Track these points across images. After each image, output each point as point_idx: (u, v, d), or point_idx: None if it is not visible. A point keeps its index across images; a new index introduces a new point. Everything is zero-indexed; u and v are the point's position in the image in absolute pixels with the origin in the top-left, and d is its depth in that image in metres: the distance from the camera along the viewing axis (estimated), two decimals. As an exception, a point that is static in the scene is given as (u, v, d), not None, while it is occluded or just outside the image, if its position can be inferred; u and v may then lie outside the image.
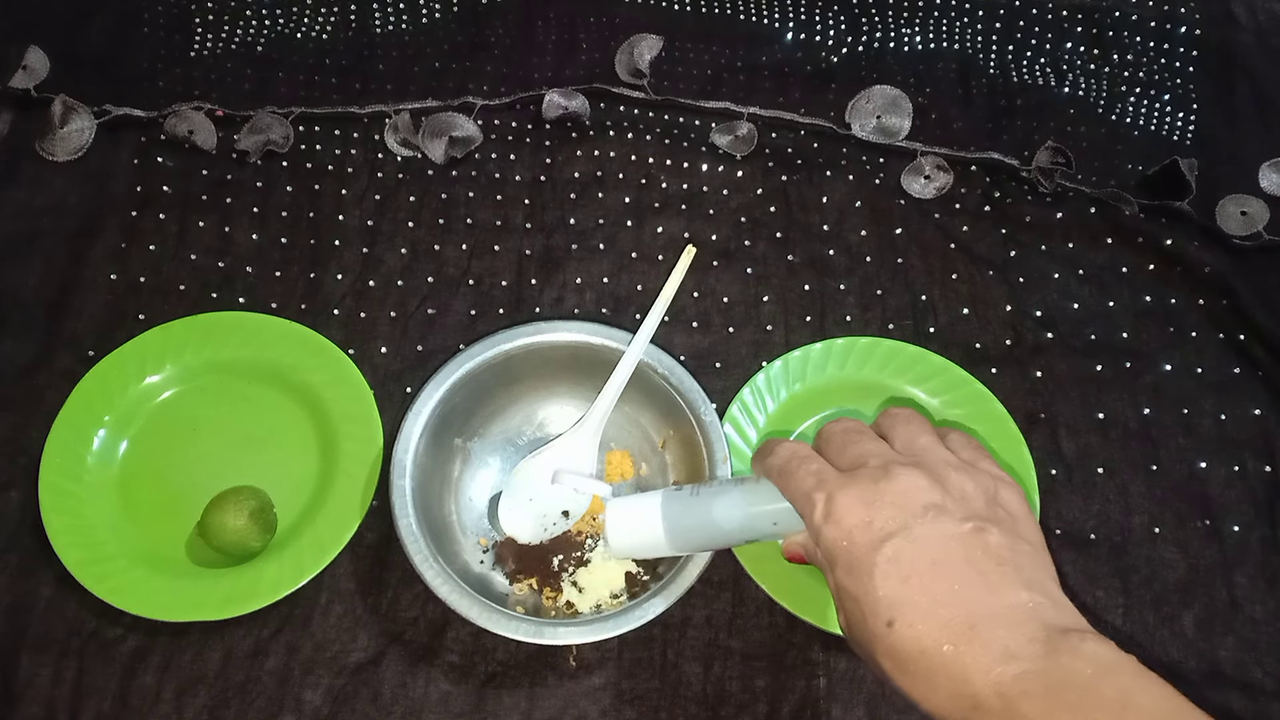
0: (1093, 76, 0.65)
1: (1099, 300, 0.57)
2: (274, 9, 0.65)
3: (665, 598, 0.45)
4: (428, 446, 0.50)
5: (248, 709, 0.47)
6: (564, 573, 0.51)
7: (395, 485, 0.48)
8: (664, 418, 0.53)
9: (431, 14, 0.66)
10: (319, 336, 0.54)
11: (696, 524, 0.42)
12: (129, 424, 0.52)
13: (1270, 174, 0.61)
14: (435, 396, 0.50)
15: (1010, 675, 0.31)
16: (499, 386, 0.53)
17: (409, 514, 0.47)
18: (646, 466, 0.54)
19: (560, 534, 0.52)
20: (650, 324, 0.52)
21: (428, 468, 0.50)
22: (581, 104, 0.61)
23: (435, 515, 0.50)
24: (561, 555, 0.51)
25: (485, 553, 0.52)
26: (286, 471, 0.52)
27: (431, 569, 0.46)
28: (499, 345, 0.51)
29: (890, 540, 0.34)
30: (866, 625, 0.34)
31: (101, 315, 0.55)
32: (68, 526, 0.49)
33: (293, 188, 0.60)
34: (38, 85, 0.61)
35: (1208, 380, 0.55)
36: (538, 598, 0.50)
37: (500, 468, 0.54)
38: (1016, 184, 0.61)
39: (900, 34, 0.66)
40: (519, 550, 0.51)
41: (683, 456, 0.52)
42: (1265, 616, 0.49)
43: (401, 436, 0.49)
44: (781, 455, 0.40)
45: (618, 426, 0.54)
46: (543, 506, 0.52)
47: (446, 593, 0.45)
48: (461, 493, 0.53)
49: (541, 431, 0.55)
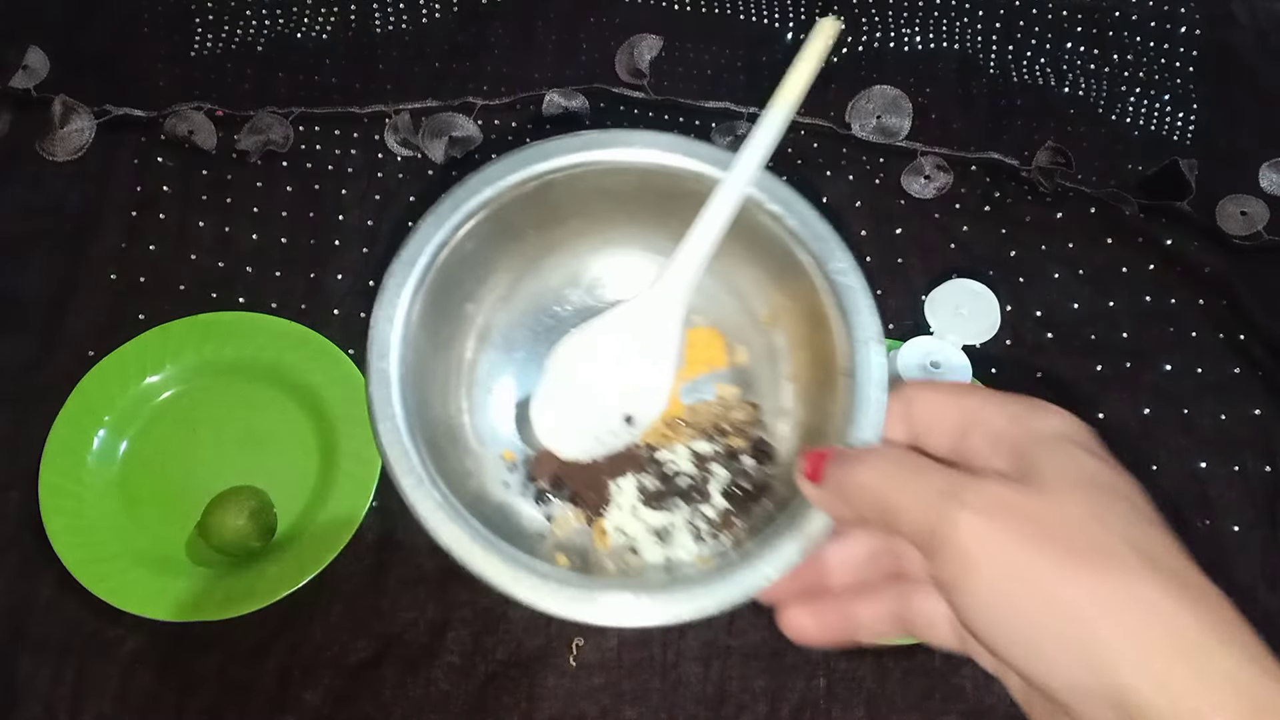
0: (1093, 76, 0.65)
1: (1099, 300, 0.57)
2: (274, 9, 0.65)
3: (774, 560, 0.32)
4: (424, 315, 0.35)
5: (248, 709, 0.47)
6: (617, 504, 0.37)
7: (374, 369, 0.34)
8: (774, 279, 0.38)
9: (431, 14, 0.66)
10: (319, 336, 0.54)
11: None
12: (129, 424, 0.52)
13: (1270, 174, 0.61)
14: (434, 238, 0.35)
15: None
16: (531, 229, 0.38)
17: (394, 413, 0.33)
18: (746, 351, 0.40)
19: (620, 448, 0.38)
20: (764, 138, 0.37)
21: (424, 347, 0.36)
22: (581, 104, 0.61)
23: (435, 416, 0.37)
24: (622, 476, 0.37)
25: (511, 471, 0.38)
26: (286, 471, 0.52)
27: (427, 497, 0.32)
28: (532, 166, 0.36)
29: None
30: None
31: (101, 315, 0.55)
32: (68, 526, 0.49)
33: (293, 188, 0.60)
34: (38, 85, 0.60)
35: (1208, 380, 0.55)
36: (586, 538, 0.37)
37: (532, 348, 0.40)
38: (1016, 184, 0.61)
39: (900, 34, 0.66)
40: (561, 469, 0.38)
41: (803, 336, 0.37)
42: (1265, 616, 0.49)
43: (383, 297, 0.34)
44: (883, 467, 0.29)
45: (704, 293, 0.38)
46: (596, 405, 0.37)
47: (451, 535, 0.32)
48: (476, 384, 0.39)
49: (593, 296, 0.40)
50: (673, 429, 0.39)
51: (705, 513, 0.38)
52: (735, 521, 0.37)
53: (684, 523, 0.37)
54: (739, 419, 0.40)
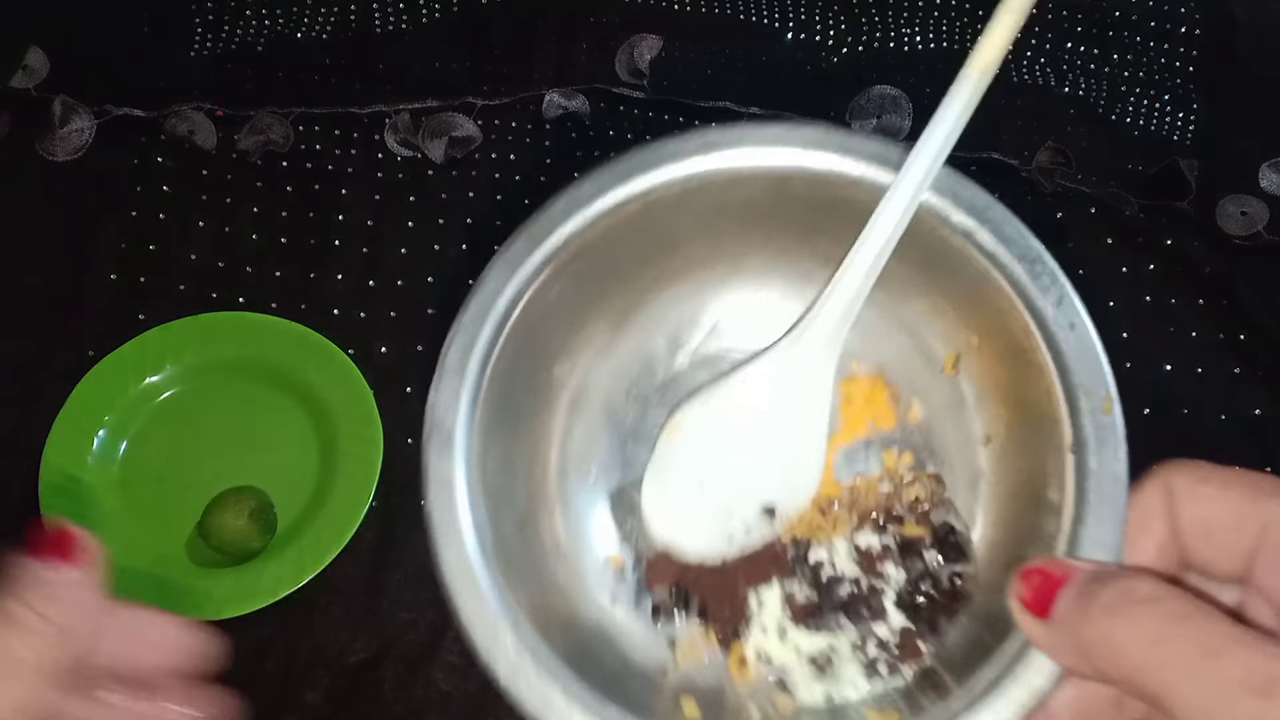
0: (1093, 76, 0.65)
1: (1099, 300, 0.57)
2: (274, 9, 0.65)
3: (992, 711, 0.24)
4: (499, 390, 0.27)
5: (247, 709, 0.47)
6: (760, 623, 0.28)
7: (433, 477, 0.26)
8: (960, 309, 0.30)
9: (431, 14, 0.66)
10: (319, 336, 0.54)
11: None
12: (129, 424, 0.52)
13: (1270, 174, 0.61)
14: (507, 289, 0.27)
15: None
16: (633, 261, 0.30)
17: (463, 537, 0.25)
18: (921, 405, 0.31)
19: (760, 546, 0.29)
20: (949, 123, 0.30)
21: (499, 432, 0.27)
22: (581, 104, 0.61)
23: (517, 520, 0.29)
24: (764, 584, 0.29)
25: (619, 583, 0.30)
26: (286, 471, 0.52)
27: (512, 648, 0.25)
28: (632, 181, 0.28)
29: None
30: None
31: (101, 315, 0.55)
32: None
33: (293, 188, 0.60)
34: (38, 85, 0.61)
35: (1208, 380, 0.55)
36: (719, 672, 0.29)
37: (640, 417, 0.31)
38: (1016, 184, 0.61)
39: (900, 34, 0.66)
40: (683, 575, 0.29)
41: (1000, 384, 0.29)
42: (1265, 616, 0.49)
43: (443, 374, 0.26)
44: (1156, 627, 0.20)
45: (862, 328, 0.29)
46: (725, 494, 0.29)
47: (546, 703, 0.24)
48: (569, 471, 0.31)
49: (718, 345, 0.32)
50: (827, 516, 0.30)
51: (878, 633, 0.29)
52: (921, 647, 0.28)
53: (849, 648, 0.29)
54: (916, 498, 0.31)
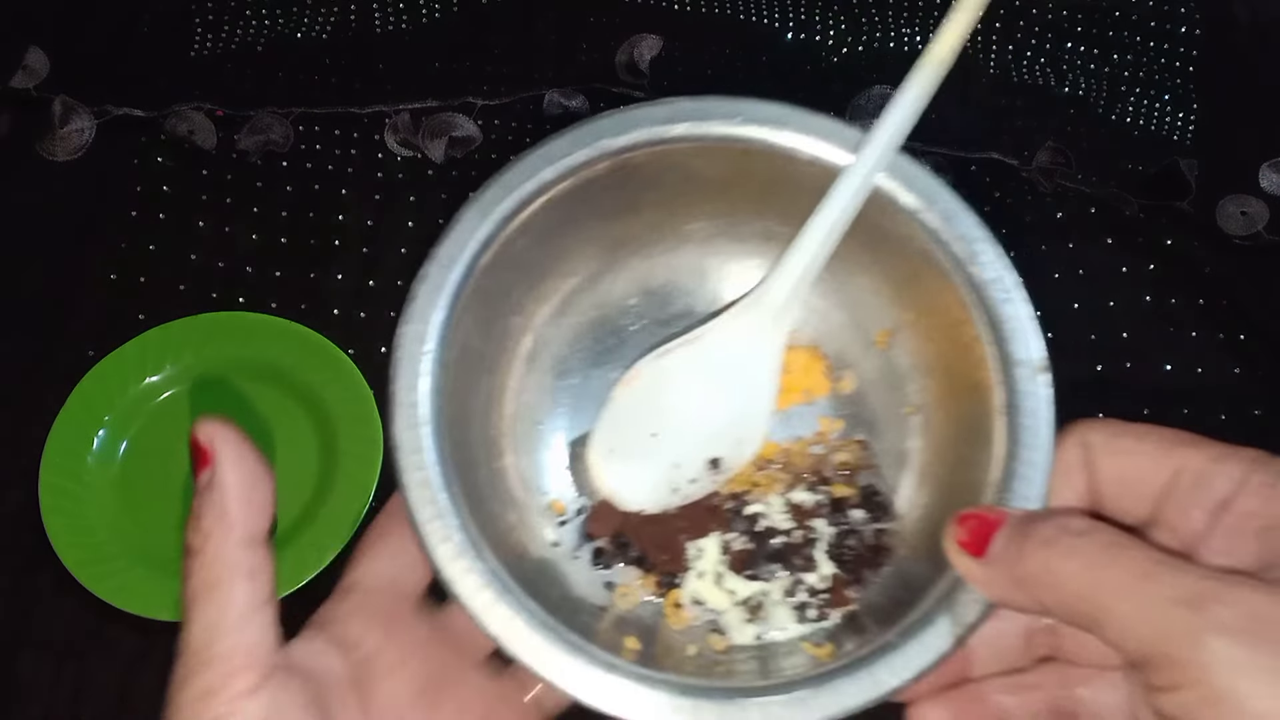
0: (1093, 76, 0.65)
1: (1099, 300, 0.57)
2: (274, 9, 0.65)
3: (915, 653, 0.25)
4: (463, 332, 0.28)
5: (248, 709, 0.47)
6: (696, 570, 0.30)
7: (401, 405, 0.27)
8: (898, 287, 0.31)
9: (431, 14, 0.66)
10: (319, 336, 0.54)
11: None
12: (129, 424, 0.52)
13: (1270, 174, 0.61)
14: (478, 233, 0.29)
15: None
16: (596, 220, 0.31)
17: (426, 461, 0.26)
18: (854, 376, 0.32)
19: (701, 496, 0.31)
20: (905, 110, 0.31)
21: (462, 374, 0.28)
22: (581, 104, 0.61)
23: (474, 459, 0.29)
24: (702, 535, 0.30)
25: (561, 525, 0.31)
26: (286, 471, 0.52)
27: (462, 556, 0.25)
28: (605, 141, 0.29)
29: None
30: None
31: (101, 315, 0.55)
32: (68, 526, 0.49)
33: (293, 188, 0.60)
34: (38, 85, 0.61)
35: (1208, 380, 0.55)
36: (654, 613, 0.30)
37: (592, 374, 0.32)
38: (1016, 184, 0.61)
39: (900, 34, 0.66)
40: (625, 524, 0.31)
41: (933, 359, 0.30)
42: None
43: (412, 310, 0.28)
44: (1093, 555, 0.22)
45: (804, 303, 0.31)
46: (675, 446, 0.31)
47: (495, 618, 0.25)
48: (521, 418, 0.32)
49: (672, 308, 0.33)
50: (763, 475, 0.32)
51: (809, 581, 0.31)
52: (848, 594, 0.30)
53: (782, 594, 0.30)
54: (844, 461, 0.33)
